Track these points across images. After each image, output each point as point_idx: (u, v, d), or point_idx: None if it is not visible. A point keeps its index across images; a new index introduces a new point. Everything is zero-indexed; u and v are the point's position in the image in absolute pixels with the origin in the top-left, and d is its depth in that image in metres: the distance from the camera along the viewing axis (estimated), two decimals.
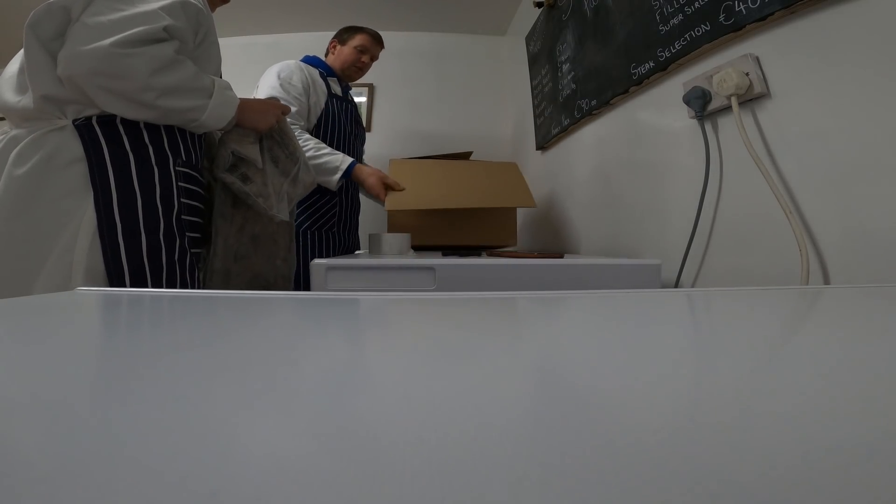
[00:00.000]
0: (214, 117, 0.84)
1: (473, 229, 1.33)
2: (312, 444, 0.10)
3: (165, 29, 0.74)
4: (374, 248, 1.10)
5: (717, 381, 0.16)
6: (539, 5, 1.64)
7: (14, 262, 0.72)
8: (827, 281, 0.62)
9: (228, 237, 0.93)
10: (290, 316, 0.31)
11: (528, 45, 1.85)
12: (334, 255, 1.45)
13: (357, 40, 1.53)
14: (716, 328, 0.29)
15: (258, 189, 0.91)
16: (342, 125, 1.47)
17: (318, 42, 1.68)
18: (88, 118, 0.76)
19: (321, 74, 1.46)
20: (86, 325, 0.28)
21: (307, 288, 1.36)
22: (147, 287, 0.78)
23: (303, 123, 1.35)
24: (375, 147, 2.11)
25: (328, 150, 1.33)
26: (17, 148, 0.73)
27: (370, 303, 0.35)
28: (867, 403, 0.13)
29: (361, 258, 0.84)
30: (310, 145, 1.30)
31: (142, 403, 0.13)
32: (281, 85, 1.33)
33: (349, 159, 1.34)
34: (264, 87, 1.36)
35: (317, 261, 0.77)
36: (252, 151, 0.91)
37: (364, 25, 1.58)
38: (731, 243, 0.79)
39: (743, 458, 0.10)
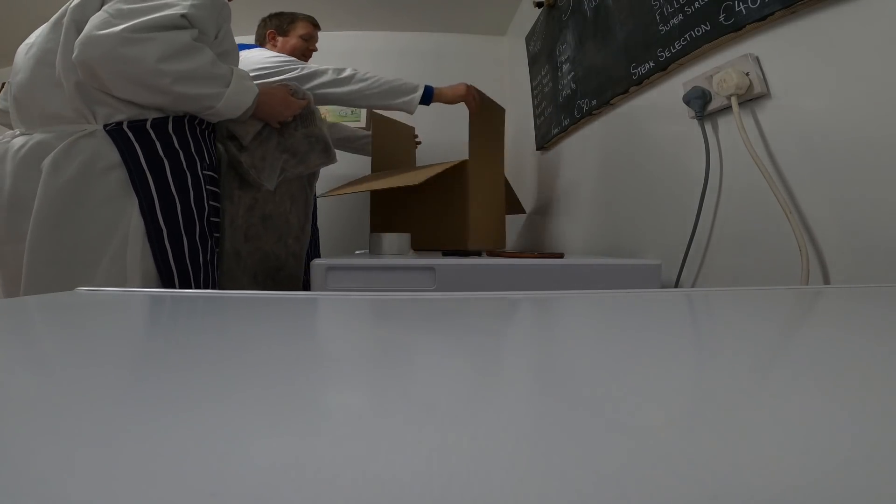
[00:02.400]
0: (231, 106, 0.84)
1: (461, 232, 1.30)
2: (312, 444, 0.10)
3: (183, 17, 0.74)
4: (374, 248, 1.10)
5: (717, 381, 0.16)
6: (539, 5, 1.64)
7: (63, 270, 0.73)
8: (827, 281, 0.62)
9: (235, 218, 0.94)
10: (290, 316, 0.31)
11: (528, 45, 1.85)
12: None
13: (300, 28, 1.46)
14: (716, 328, 0.29)
15: (251, 160, 0.93)
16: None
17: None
18: (119, 123, 0.77)
19: None
20: (85, 325, 0.28)
21: (306, 287, 1.36)
22: (191, 287, 0.80)
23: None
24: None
25: (397, 78, 1.33)
26: (51, 156, 0.74)
27: (370, 303, 0.35)
28: (867, 403, 0.13)
29: (361, 258, 0.84)
30: (378, 75, 1.30)
31: (141, 403, 0.13)
32: (280, 63, 1.28)
33: (420, 88, 1.32)
34: (261, 60, 1.27)
35: (317, 261, 0.77)
36: (241, 129, 0.92)
37: (294, 11, 1.48)
38: (731, 243, 0.79)
39: (743, 458, 0.10)
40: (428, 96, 1.33)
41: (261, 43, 1.49)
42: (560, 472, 0.09)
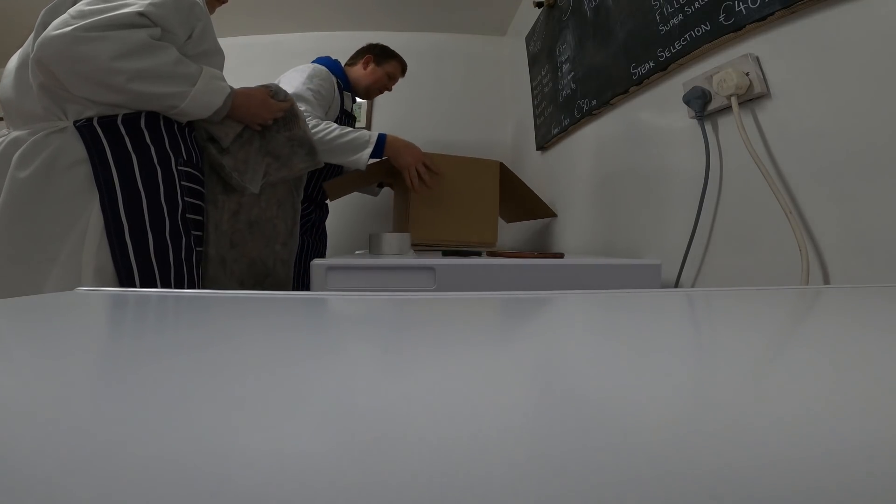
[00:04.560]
0: (197, 105, 0.82)
1: (451, 228, 1.28)
2: (313, 444, 0.10)
3: (141, 15, 0.73)
4: (374, 248, 1.10)
5: (717, 381, 0.16)
6: (539, 5, 1.64)
7: (22, 265, 0.73)
8: (827, 281, 0.62)
9: (220, 223, 0.93)
10: (290, 316, 0.31)
11: (528, 45, 1.85)
12: (304, 256, 1.46)
13: (391, 66, 1.55)
14: (716, 328, 0.29)
15: (233, 163, 0.92)
16: None
17: (317, 42, 1.68)
18: (89, 119, 0.76)
19: (338, 87, 1.45)
20: (85, 324, 0.28)
21: (306, 287, 1.36)
22: (156, 286, 0.78)
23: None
24: None
25: (353, 129, 1.30)
26: (20, 151, 0.73)
27: (370, 303, 0.35)
28: (867, 403, 0.13)
29: (361, 258, 0.84)
30: (332, 127, 1.25)
31: (142, 403, 0.13)
32: (310, 89, 1.30)
33: (377, 133, 1.27)
34: (291, 83, 1.31)
35: (317, 261, 0.77)
36: (219, 130, 0.91)
37: (396, 51, 1.61)
38: (731, 243, 0.79)
39: (743, 458, 0.10)
40: (380, 148, 1.27)
41: (353, 60, 1.56)
42: (560, 472, 0.09)
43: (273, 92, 0.98)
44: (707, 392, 0.15)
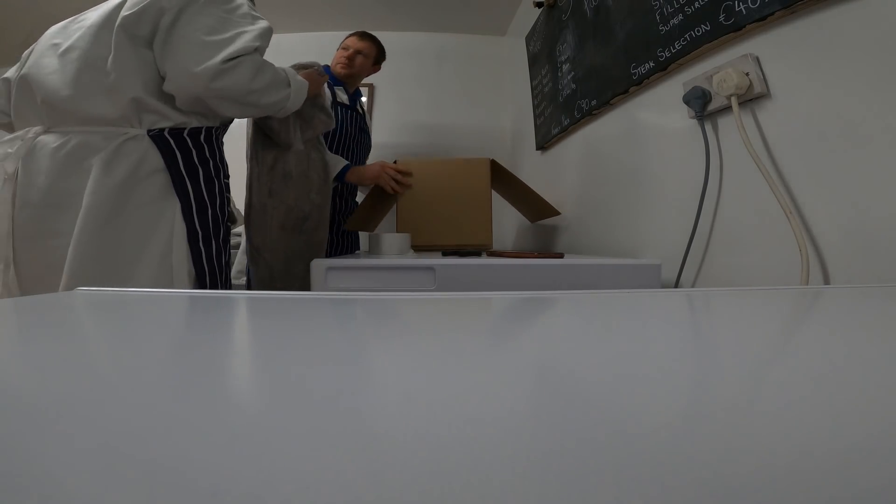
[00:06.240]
0: (296, 101, 0.95)
1: (442, 232, 1.27)
2: (313, 444, 0.10)
3: (257, 49, 0.84)
4: (374, 248, 1.10)
5: (717, 380, 0.16)
6: (539, 5, 1.64)
7: (107, 266, 0.78)
8: (827, 281, 0.62)
9: (261, 175, 1.09)
10: (290, 316, 0.31)
11: (528, 45, 1.85)
12: (328, 254, 1.46)
13: (344, 41, 1.59)
14: (716, 328, 0.29)
15: (276, 125, 1.06)
16: (346, 132, 1.52)
17: (317, 42, 1.68)
18: (161, 129, 0.82)
19: (328, 84, 1.49)
20: (86, 324, 0.28)
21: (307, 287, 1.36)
22: (217, 286, 0.88)
23: None
24: (375, 148, 2.11)
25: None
26: (101, 156, 0.78)
27: (370, 303, 0.35)
28: (867, 403, 0.13)
29: (361, 258, 0.84)
30: None
31: (142, 403, 0.13)
32: None
33: (343, 162, 1.34)
34: None
35: (317, 261, 0.77)
36: None
37: (366, 30, 1.64)
38: (731, 243, 0.79)
39: (743, 457, 0.10)
40: (342, 174, 1.35)
41: None
42: (560, 472, 0.09)
43: (319, 70, 1.10)
44: (706, 392, 0.15)
